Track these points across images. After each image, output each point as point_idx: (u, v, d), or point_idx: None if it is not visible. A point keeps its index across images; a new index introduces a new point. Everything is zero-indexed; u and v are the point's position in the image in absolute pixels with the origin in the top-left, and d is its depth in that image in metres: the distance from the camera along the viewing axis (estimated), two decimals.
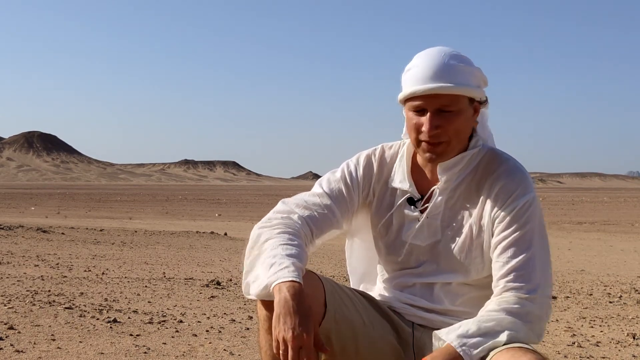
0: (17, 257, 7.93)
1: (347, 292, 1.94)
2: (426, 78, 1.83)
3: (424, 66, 1.85)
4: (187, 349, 3.77)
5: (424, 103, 1.85)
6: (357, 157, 2.05)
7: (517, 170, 1.90)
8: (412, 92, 1.85)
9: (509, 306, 1.76)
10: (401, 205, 1.97)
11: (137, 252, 9.61)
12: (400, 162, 2.01)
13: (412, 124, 1.88)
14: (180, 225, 18.42)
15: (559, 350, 4.14)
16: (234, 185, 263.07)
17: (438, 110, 1.84)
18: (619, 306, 5.95)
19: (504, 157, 1.94)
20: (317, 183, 2.02)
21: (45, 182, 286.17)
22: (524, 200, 1.84)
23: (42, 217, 21.35)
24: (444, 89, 1.82)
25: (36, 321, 4.21)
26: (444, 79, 1.83)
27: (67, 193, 64.46)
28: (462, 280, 1.91)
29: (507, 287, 1.79)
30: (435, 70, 1.83)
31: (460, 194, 1.93)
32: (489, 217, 1.87)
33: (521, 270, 1.80)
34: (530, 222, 1.84)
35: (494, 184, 1.88)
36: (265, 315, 1.78)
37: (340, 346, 1.86)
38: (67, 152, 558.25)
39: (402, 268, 1.99)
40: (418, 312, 1.95)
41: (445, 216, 1.93)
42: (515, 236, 1.82)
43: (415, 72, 1.86)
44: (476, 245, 1.89)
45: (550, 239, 7.81)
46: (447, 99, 1.83)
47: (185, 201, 45.15)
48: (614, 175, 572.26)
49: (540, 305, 1.78)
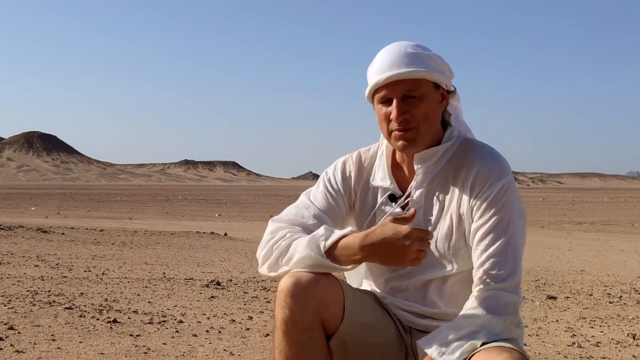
0: (17, 257, 7.93)
1: (359, 294, 1.95)
2: (385, 68, 1.89)
3: (383, 58, 1.91)
4: (187, 349, 3.77)
5: (388, 92, 1.90)
6: (334, 164, 2.10)
7: (491, 155, 1.92)
8: (375, 84, 1.90)
9: (486, 302, 1.79)
10: (383, 203, 2.00)
11: (137, 252, 9.61)
12: (380, 160, 2.05)
13: (381, 115, 1.93)
14: (180, 226, 18.41)
15: (559, 350, 4.14)
16: (234, 185, 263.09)
17: (403, 96, 1.89)
18: (619, 306, 5.95)
19: (477, 144, 1.96)
20: (303, 195, 2.05)
21: (45, 182, 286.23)
22: (500, 185, 1.86)
23: (42, 217, 21.34)
24: (404, 74, 1.87)
25: (36, 321, 4.21)
26: (404, 65, 1.88)
27: (67, 193, 64.47)
28: (451, 272, 1.92)
29: (485, 275, 1.82)
30: (393, 59, 1.89)
31: (438, 186, 1.95)
32: (468, 205, 1.89)
33: (499, 256, 1.82)
34: (506, 205, 1.86)
35: (469, 171, 1.90)
36: (283, 318, 1.78)
37: (354, 351, 1.86)
38: (67, 152, 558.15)
39: (392, 270, 1.99)
40: (413, 319, 1.96)
41: (427, 209, 1.95)
42: (493, 222, 1.85)
43: (376, 65, 1.92)
44: (458, 235, 1.90)
45: (550, 239, 7.79)
46: (410, 84, 1.88)
47: (185, 201, 45.15)
48: (614, 175, 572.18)
49: (515, 291, 1.82)
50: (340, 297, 1.83)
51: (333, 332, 1.82)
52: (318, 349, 1.80)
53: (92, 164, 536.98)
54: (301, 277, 1.78)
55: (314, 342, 1.79)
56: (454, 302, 1.92)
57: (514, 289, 1.82)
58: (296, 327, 1.77)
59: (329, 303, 1.79)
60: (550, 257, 11.05)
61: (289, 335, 1.77)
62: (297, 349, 1.78)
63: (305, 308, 1.76)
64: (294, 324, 1.77)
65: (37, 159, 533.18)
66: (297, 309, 1.76)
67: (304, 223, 1.96)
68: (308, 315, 1.77)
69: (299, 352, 1.78)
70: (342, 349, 1.83)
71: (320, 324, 1.80)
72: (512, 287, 1.81)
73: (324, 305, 1.78)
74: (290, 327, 1.77)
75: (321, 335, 1.81)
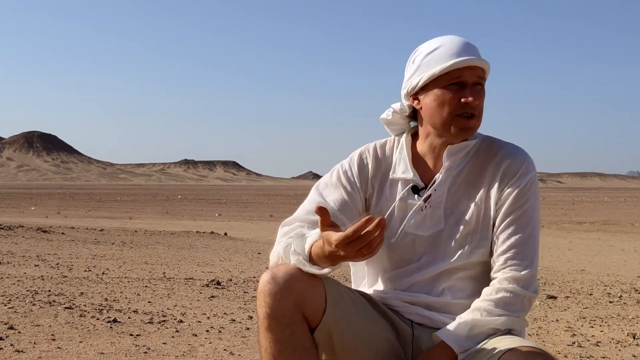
0: (17, 257, 7.93)
1: (346, 290, 1.93)
2: (461, 52, 1.88)
3: (452, 44, 1.90)
4: (187, 349, 3.77)
5: (465, 75, 1.87)
6: (350, 157, 2.05)
7: (519, 150, 1.95)
8: (456, 63, 1.86)
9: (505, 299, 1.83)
10: (404, 196, 1.97)
11: (137, 252, 9.61)
12: (401, 153, 2.02)
13: (447, 98, 1.88)
14: (180, 225, 18.41)
15: (559, 350, 4.14)
16: (234, 185, 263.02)
17: (474, 83, 1.89)
18: (619, 306, 5.95)
19: (503, 141, 1.99)
20: (314, 190, 2.00)
21: (45, 182, 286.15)
22: (527, 178, 1.90)
23: (42, 217, 21.35)
24: (481, 62, 1.88)
25: (36, 321, 4.21)
26: (476, 54, 1.89)
27: (67, 193, 64.46)
28: (464, 263, 1.91)
29: (505, 264, 1.86)
30: (465, 46, 1.89)
31: (463, 181, 1.95)
32: (495, 197, 1.90)
33: (521, 247, 1.86)
34: (531, 199, 1.90)
35: (499, 165, 1.92)
36: (264, 313, 1.77)
37: (340, 343, 1.85)
38: (67, 152, 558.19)
39: (403, 264, 1.98)
40: (418, 310, 1.94)
41: (449, 203, 1.94)
42: (518, 213, 1.88)
43: (445, 49, 1.89)
44: (482, 226, 1.91)
45: (550, 239, 7.80)
46: (482, 73, 1.90)
47: (185, 201, 45.15)
48: (614, 175, 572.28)
49: (532, 284, 1.87)
50: (321, 290, 1.81)
51: (317, 325, 1.81)
52: (302, 343, 1.78)
53: (92, 163, 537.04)
54: (278, 272, 1.77)
55: (297, 336, 1.78)
56: (461, 294, 1.92)
57: (531, 281, 1.86)
58: (278, 323, 1.76)
59: (308, 296, 1.78)
60: (551, 257, 11.05)
61: (271, 332, 1.76)
62: (281, 345, 1.77)
63: (284, 303, 1.75)
64: (275, 320, 1.76)
65: (37, 158, 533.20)
66: (277, 304, 1.75)
67: (315, 221, 1.88)
68: (288, 310, 1.75)
69: (283, 348, 1.77)
70: (328, 341, 1.82)
71: (302, 318, 1.78)
72: (529, 278, 1.85)
73: (304, 298, 1.77)
74: (272, 323, 1.76)
75: (304, 329, 1.79)
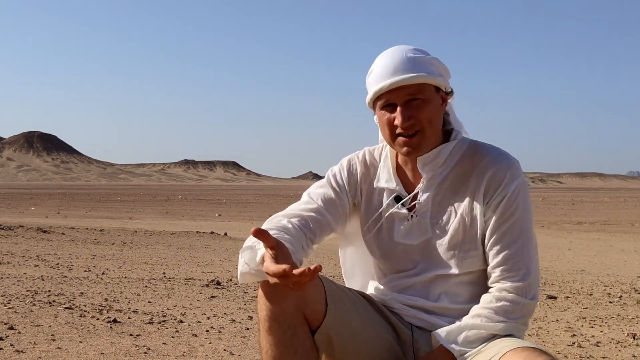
0: (17, 257, 7.93)
1: (347, 291, 1.94)
2: (389, 73, 1.88)
3: (384, 64, 1.90)
4: (187, 349, 3.77)
5: (392, 97, 1.88)
6: (340, 162, 2.09)
7: (503, 157, 1.92)
8: (378, 90, 1.89)
9: (504, 307, 1.83)
10: (389, 205, 1.99)
11: (137, 252, 9.61)
12: (385, 162, 2.04)
13: (384, 120, 1.91)
14: (180, 225, 18.41)
15: (559, 350, 4.14)
16: (234, 185, 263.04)
17: (407, 101, 1.88)
18: (619, 306, 5.95)
19: (488, 146, 1.96)
20: (305, 194, 2.04)
21: (45, 182, 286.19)
22: (513, 187, 1.88)
23: (42, 217, 21.34)
24: (407, 79, 1.86)
25: (36, 321, 4.21)
26: (406, 71, 1.87)
27: (67, 193, 64.45)
28: (456, 273, 1.92)
29: (502, 275, 1.86)
30: (396, 65, 1.88)
31: (447, 189, 1.94)
32: (481, 207, 1.89)
33: (515, 257, 1.86)
34: (520, 207, 1.88)
35: (483, 173, 1.90)
36: (265, 316, 1.78)
37: (340, 345, 1.85)
38: (67, 152, 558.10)
39: (398, 270, 1.99)
40: (417, 313, 1.95)
41: (434, 212, 1.94)
42: (508, 224, 1.87)
43: (378, 72, 1.91)
44: (469, 237, 1.91)
45: (550, 239, 7.79)
46: (413, 89, 1.87)
47: (185, 201, 45.15)
48: (614, 175, 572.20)
49: (530, 291, 1.86)
50: (321, 292, 1.82)
51: (317, 327, 1.81)
52: (303, 345, 1.79)
53: (92, 163, 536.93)
54: None
55: (297, 338, 1.78)
56: (458, 299, 1.93)
57: (529, 289, 1.86)
58: (279, 326, 1.76)
59: (309, 298, 1.78)
60: (550, 257, 11.05)
61: (272, 334, 1.76)
62: (282, 347, 1.77)
63: (285, 305, 1.76)
64: (276, 323, 1.76)
65: (37, 158, 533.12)
66: (277, 306, 1.75)
67: (301, 214, 1.94)
68: (289, 312, 1.76)
69: (284, 350, 1.77)
70: (328, 343, 1.83)
71: (303, 320, 1.79)
72: (527, 287, 1.85)
73: (305, 300, 1.78)
74: (273, 326, 1.76)
75: (305, 331, 1.80)
